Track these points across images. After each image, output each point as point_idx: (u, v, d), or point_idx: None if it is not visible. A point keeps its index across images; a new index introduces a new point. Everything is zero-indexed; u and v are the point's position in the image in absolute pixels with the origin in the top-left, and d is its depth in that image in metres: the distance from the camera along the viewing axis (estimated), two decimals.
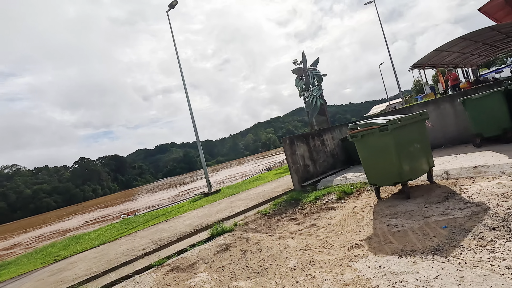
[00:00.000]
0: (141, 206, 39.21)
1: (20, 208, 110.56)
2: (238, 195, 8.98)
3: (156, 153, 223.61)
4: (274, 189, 8.42)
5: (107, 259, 5.15)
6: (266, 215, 5.73)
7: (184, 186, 58.30)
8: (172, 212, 9.21)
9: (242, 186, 11.97)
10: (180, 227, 6.37)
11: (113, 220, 30.57)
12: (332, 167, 8.55)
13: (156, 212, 10.58)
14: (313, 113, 24.30)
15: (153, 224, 7.74)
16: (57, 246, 8.15)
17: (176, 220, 7.47)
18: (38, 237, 33.22)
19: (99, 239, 7.69)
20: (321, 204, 5.39)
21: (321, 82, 23.40)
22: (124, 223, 9.55)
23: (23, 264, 6.91)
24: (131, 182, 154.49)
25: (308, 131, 14.59)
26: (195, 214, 7.52)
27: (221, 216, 6.42)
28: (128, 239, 6.60)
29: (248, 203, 7.17)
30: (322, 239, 3.62)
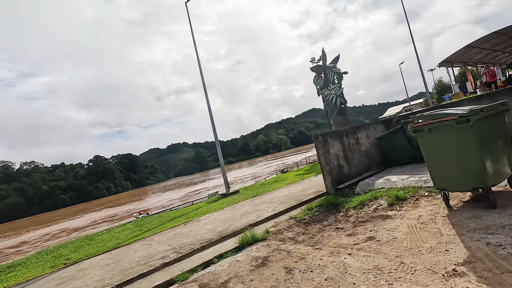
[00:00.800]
0: (153, 206, 39.15)
1: (37, 203, 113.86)
2: (262, 197, 8.23)
3: (168, 153, 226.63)
4: (302, 191, 7.62)
5: (122, 268, 4.50)
6: (302, 222, 4.95)
7: (196, 186, 58.12)
8: (190, 214, 8.55)
9: (262, 187, 11.22)
10: (202, 232, 5.67)
11: (121, 220, 30.38)
12: (367, 169, 7.67)
13: (172, 213, 9.98)
14: (332, 113, 23.27)
15: (170, 227, 7.09)
16: (68, 247, 7.63)
17: (195, 223, 6.79)
18: (45, 235, 33.58)
19: (112, 241, 7.10)
20: (369, 211, 4.56)
21: (342, 80, 22.37)
22: (138, 224, 8.97)
23: (32, 267, 6.38)
24: (143, 180, 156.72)
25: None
26: (217, 217, 6.81)
27: (247, 221, 5.68)
28: (143, 243, 5.95)
29: (276, 206, 6.40)
30: (394, 258, 2.81)
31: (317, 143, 6.79)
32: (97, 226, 31.08)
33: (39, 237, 32.62)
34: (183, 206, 20.03)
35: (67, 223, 43.08)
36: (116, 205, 56.93)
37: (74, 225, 37.87)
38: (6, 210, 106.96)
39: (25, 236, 36.81)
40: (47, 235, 32.62)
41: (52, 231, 36.39)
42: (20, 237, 37.93)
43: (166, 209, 22.49)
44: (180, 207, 19.77)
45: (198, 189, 49.29)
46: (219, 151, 11.69)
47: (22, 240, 32.83)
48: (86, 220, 40.24)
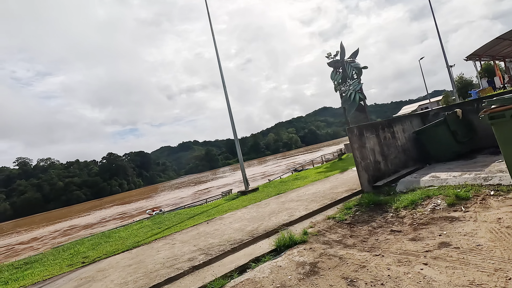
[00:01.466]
0: (165, 203, 39.24)
1: (53, 199, 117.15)
2: (287, 195, 7.69)
3: (179, 151, 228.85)
4: (331, 189, 7.03)
5: (145, 271, 4.06)
6: (344, 223, 4.38)
7: (206, 184, 58.11)
8: (210, 212, 8.10)
9: (282, 185, 10.67)
10: (229, 231, 5.18)
11: (132, 217, 30.43)
12: (403, 165, 7.01)
13: (190, 210, 9.57)
14: (350, 109, 22.41)
15: (191, 225, 6.65)
16: (85, 245, 7.31)
17: (219, 221, 6.32)
18: (54, 232, 34.06)
19: (131, 239, 6.72)
20: (426, 211, 3.95)
21: (361, 75, 21.50)
22: (156, 221, 8.59)
23: (49, 264, 6.07)
24: (155, 178, 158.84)
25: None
26: (241, 216, 6.32)
27: (279, 220, 5.16)
28: (165, 242, 5.52)
29: (307, 205, 5.85)
30: (493, 272, 2.22)
31: (351, 137, 6.19)
32: (106, 224, 31.35)
33: (50, 233, 33.10)
34: (197, 203, 19.76)
35: (77, 220, 43.79)
36: (126, 203, 57.62)
37: (83, 222, 38.41)
38: (24, 205, 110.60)
39: (36, 232, 37.49)
40: (56, 232, 33.06)
41: (62, 227, 36.99)
42: (31, 233, 38.68)
43: (180, 206, 22.29)
44: (195, 205, 19.51)
45: (208, 187, 49.19)
46: (238, 148, 11.20)
47: (33, 237, 33.39)
48: (95, 218, 40.78)
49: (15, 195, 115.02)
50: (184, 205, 19.90)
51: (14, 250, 25.96)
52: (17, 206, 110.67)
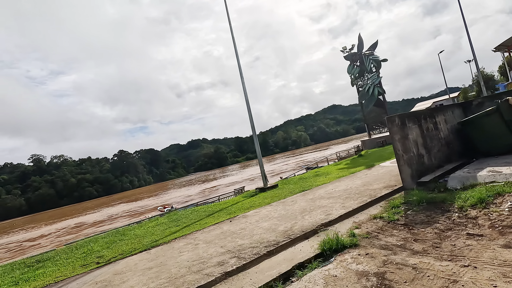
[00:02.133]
0: (175, 200, 39.19)
1: (66, 195, 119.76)
2: (314, 192, 7.07)
3: (188, 148, 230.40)
4: (364, 186, 6.38)
5: (169, 276, 3.53)
6: (397, 224, 3.75)
7: (214, 182, 57.90)
8: (230, 209, 7.56)
9: (303, 181, 10.05)
10: (258, 231, 4.62)
11: (140, 214, 30.26)
12: (447, 159, 6.29)
13: (207, 207, 9.06)
14: (368, 104, 21.51)
15: (213, 223, 6.11)
16: (99, 243, 6.89)
17: (243, 220, 5.76)
18: (61, 229, 34.28)
19: (147, 237, 6.25)
20: (504, 211, 3.27)
21: (380, 68, 20.56)
22: (172, 218, 8.12)
23: (61, 263, 5.65)
24: (165, 175, 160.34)
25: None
26: (268, 214, 5.74)
27: (314, 219, 4.55)
28: (187, 242, 5.00)
29: (343, 203, 5.22)
30: None
31: (392, 127, 5.51)
32: (115, 221, 31.42)
33: (57, 230, 33.26)
34: (209, 201, 19.32)
35: (87, 216, 44.21)
36: (135, 200, 58.01)
37: (93, 219, 38.70)
38: (38, 200, 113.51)
39: (44, 229, 37.80)
40: (63, 229, 33.16)
41: (69, 224, 37.29)
42: (39, 230, 39.05)
43: (192, 204, 21.94)
44: (207, 202, 19.08)
45: (216, 185, 48.93)
46: (256, 144, 10.61)
47: (41, 234, 33.64)
48: (103, 215, 41.06)
49: (30, 191, 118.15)
50: (196, 202, 19.50)
51: (22, 247, 26.13)
52: (32, 201, 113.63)
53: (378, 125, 21.23)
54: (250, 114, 10.65)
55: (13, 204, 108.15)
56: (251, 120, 10.55)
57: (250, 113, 10.65)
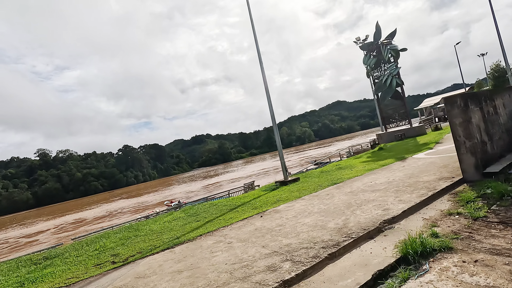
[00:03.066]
0: (180, 196, 38.81)
1: (72, 189, 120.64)
2: (349, 185, 6.34)
3: (192, 144, 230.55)
4: (410, 178, 5.63)
5: (207, 283, 2.85)
6: (489, 221, 3.01)
7: (218, 178, 57.40)
8: (254, 203, 6.87)
9: (327, 175, 9.32)
10: (303, 228, 3.91)
11: (145, 209, 29.71)
12: (508, 148, 5.50)
13: (226, 201, 8.36)
14: (385, 96, 20.56)
15: (240, 218, 5.43)
16: (112, 238, 6.26)
17: (277, 215, 5.06)
18: (59, 225, 33.92)
19: (166, 233, 5.59)
20: None
21: (398, 58, 19.56)
22: (189, 213, 7.46)
23: (72, 262, 5.03)
24: (169, 170, 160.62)
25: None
26: (305, 209, 5.03)
27: (370, 215, 3.83)
28: (216, 240, 4.32)
29: (397, 196, 4.48)
30: None
31: (452, 109, 4.74)
32: (121, 216, 31.08)
33: (55, 226, 32.80)
34: (217, 196, 18.73)
35: (92, 211, 44.02)
36: (140, 195, 57.84)
37: (97, 213, 38.48)
38: (45, 194, 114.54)
39: (42, 225, 37.43)
40: (61, 225, 32.65)
41: (68, 220, 37.00)
42: (35, 226, 38.70)
43: (202, 198, 21.38)
44: (215, 197, 18.47)
45: (220, 181, 48.42)
46: (276, 135, 9.89)
47: (38, 230, 33.22)
48: (107, 209, 40.83)
49: (36, 185, 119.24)
50: (205, 197, 18.90)
51: (18, 244, 25.66)
52: (39, 195, 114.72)
53: (395, 118, 20.32)
54: (271, 105, 9.91)
55: (20, 197, 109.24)
56: (271, 111, 9.81)
57: (270, 104, 9.91)
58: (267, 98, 9.89)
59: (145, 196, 49.79)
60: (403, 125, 19.79)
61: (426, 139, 14.36)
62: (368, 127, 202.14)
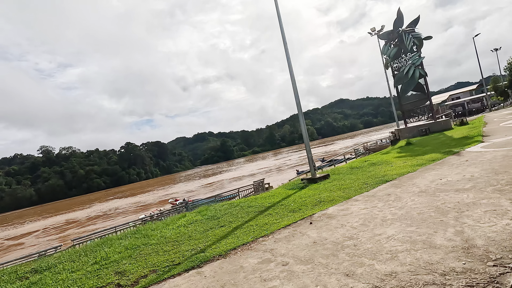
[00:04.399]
0: (181, 195, 37.78)
1: (75, 186, 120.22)
2: (412, 183, 5.10)
3: (194, 142, 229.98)
4: (499, 174, 4.38)
5: None
6: None
7: (220, 176, 56.27)
8: (287, 204, 5.64)
9: (360, 171, 8.10)
10: (393, 245, 2.68)
11: (143, 209, 28.42)
12: None
13: (248, 201, 7.14)
14: (406, 89, 19.15)
15: (282, 225, 4.21)
16: (115, 247, 5.07)
17: (334, 222, 3.84)
18: (47, 227, 32.87)
19: (185, 243, 4.39)
20: None
21: (421, 47, 18.16)
22: (207, 215, 6.25)
23: (64, 281, 3.85)
24: (172, 168, 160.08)
25: None
26: (373, 214, 3.80)
27: (498, 226, 2.60)
28: (261, 258, 3.10)
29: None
30: None
31: None
32: (119, 216, 30.08)
33: (45, 227, 31.60)
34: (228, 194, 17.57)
35: (92, 208, 43.11)
36: (141, 192, 56.92)
37: (93, 212, 37.53)
38: (48, 191, 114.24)
39: (30, 226, 36.20)
40: (49, 227, 31.28)
41: (67, 219, 35.98)
42: (24, 226, 37.53)
43: (210, 196, 20.23)
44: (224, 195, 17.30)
45: (222, 179, 47.31)
46: (303, 127, 8.65)
47: (26, 231, 32.02)
48: (103, 208, 39.90)
49: (39, 181, 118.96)
50: (215, 195, 17.72)
51: (2, 246, 24.41)
52: (42, 192, 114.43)
53: (417, 112, 18.99)
54: (296, 93, 8.68)
55: (24, 194, 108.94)
56: (297, 100, 8.58)
57: (296, 91, 8.68)
58: (292, 85, 8.66)
59: (153, 193, 48.83)
60: (425, 119, 18.48)
61: (458, 133, 13.07)
62: (371, 125, 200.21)
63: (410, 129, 17.99)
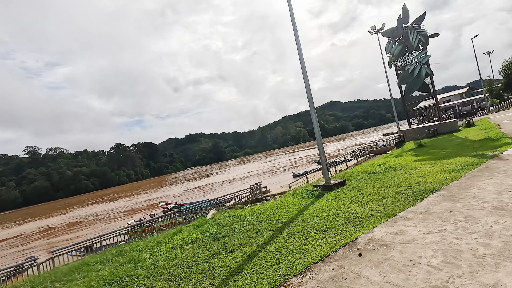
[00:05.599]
0: (170, 199, 36.31)
1: (62, 188, 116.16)
2: (468, 195, 4.09)
3: (185, 143, 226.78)
4: None
5: None
6: None
7: (214, 178, 54.88)
8: (309, 220, 4.54)
9: (380, 176, 7.09)
10: None
11: (131, 213, 26.76)
12: None
13: (256, 213, 5.99)
14: (411, 88, 18.33)
15: (318, 258, 3.10)
16: (92, 276, 3.86)
17: (399, 257, 2.76)
18: (21, 234, 30.94)
19: (184, 278, 3.24)
20: None
21: (427, 45, 17.41)
22: (210, 231, 5.09)
23: None
24: (163, 169, 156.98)
25: None
26: (453, 244, 2.75)
27: None
28: None
29: None
30: None
31: None
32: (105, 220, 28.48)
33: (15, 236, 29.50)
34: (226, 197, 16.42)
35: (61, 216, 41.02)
36: (131, 195, 54.96)
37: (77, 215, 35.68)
38: (33, 193, 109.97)
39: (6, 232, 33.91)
40: (22, 235, 29.06)
41: (41, 226, 34.00)
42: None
43: (204, 201, 18.98)
44: (219, 200, 16.13)
45: (213, 182, 46.01)
46: (315, 123, 7.56)
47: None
48: (68, 217, 38.05)
49: (25, 183, 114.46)
50: (210, 200, 16.51)
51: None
52: (27, 194, 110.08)
53: (422, 112, 18.27)
54: (309, 88, 7.62)
55: (8, 196, 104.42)
56: (309, 94, 7.52)
57: (308, 87, 7.62)
58: (304, 78, 7.59)
59: (141, 195, 46.97)
60: (429, 121, 17.79)
61: (472, 135, 12.29)
62: (362, 127, 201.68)
63: (416, 130, 17.22)
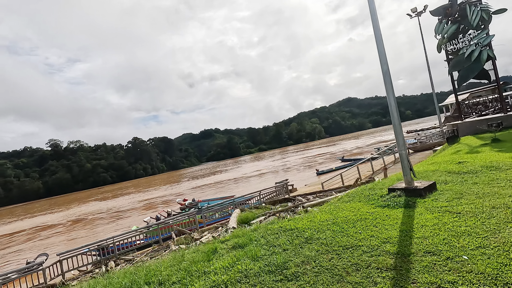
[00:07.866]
0: (186, 195, 35.14)
1: (81, 180, 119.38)
2: None
3: (200, 138, 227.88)
4: None
5: None
6: None
7: (228, 174, 53.52)
8: (433, 249, 2.75)
9: (488, 179, 5.15)
10: None
11: (147, 209, 25.75)
12: None
13: (321, 227, 4.25)
14: (467, 74, 15.72)
15: None
16: None
17: None
18: (21, 231, 30.61)
19: None
20: None
21: (489, 23, 14.87)
22: (266, 259, 3.42)
23: None
24: (178, 163, 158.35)
25: None
26: None
27: None
28: None
29: None
30: None
31: None
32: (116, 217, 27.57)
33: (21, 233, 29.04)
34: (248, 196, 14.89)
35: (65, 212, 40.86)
36: (145, 189, 54.66)
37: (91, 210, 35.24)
38: (55, 184, 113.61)
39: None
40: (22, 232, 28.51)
41: (35, 224, 33.67)
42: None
43: (225, 197, 17.48)
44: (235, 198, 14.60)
45: (228, 178, 44.59)
46: (392, 99, 5.69)
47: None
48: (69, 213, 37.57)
49: (47, 174, 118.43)
50: (234, 198, 14.94)
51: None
52: (49, 185, 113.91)
53: (478, 103, 15.81)
54: (384, 58, 5.70)
55: (31, 187, 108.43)
56: (384, 66, 5.62)
57: (384, 57, 5.71)
58: (379, 52, 5.66)
59: (160, 190, 46.46)
60: (490, 112, 15.38)
61: None
62: (380, 125, 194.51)
63: (471, 124, 14.84)
